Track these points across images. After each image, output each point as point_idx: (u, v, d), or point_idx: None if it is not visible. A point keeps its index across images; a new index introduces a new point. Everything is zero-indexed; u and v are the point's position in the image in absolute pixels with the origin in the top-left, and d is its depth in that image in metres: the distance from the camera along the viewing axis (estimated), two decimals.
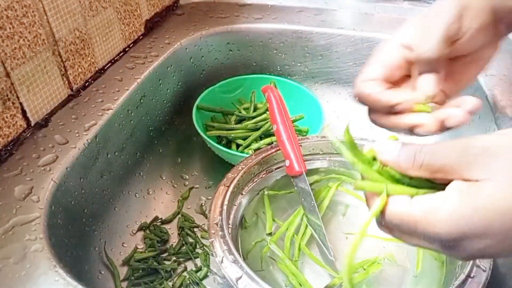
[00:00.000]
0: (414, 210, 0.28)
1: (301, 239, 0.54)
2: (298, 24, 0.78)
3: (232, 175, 0.53)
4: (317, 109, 0.71)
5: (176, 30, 0.77)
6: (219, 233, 0.45)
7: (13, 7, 0.48)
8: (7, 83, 0.49)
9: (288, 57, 0.81)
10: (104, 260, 0.56)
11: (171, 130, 0.75)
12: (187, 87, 0.77)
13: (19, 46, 0.49)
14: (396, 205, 0.29)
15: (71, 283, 0.38)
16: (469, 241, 0.26)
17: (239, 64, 0.82)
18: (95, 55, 0.63)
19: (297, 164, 0.53)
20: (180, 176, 0.71)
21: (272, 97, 0.57)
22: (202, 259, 0.58)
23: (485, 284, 0.40)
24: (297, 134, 0.59)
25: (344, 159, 0.34)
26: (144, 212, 0.65)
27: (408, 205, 0.29)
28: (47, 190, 0.46)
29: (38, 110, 0.54)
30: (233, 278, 0.41)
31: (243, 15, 0.81)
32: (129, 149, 0.63)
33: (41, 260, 0.40)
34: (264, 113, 0.73)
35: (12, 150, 0.50)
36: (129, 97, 0.61)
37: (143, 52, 0.70)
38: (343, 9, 0.83)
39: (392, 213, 0.29)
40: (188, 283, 0.55)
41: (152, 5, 0.76)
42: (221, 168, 0.68)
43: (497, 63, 0.64)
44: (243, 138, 0.70)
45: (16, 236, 0.42)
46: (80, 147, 0.52)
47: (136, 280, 0.55)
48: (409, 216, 0.28)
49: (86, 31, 0.60)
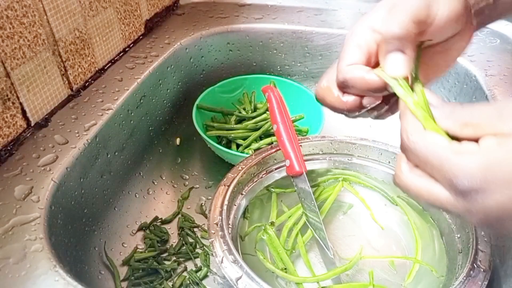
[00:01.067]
0: (450, 148, 0.28)
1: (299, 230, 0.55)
2: (298, 24, 0.78)
3: (232, 175, 0.53)
4: (317, 109, 0.71)
5: (176, 30, 0.77)
6: (219, 233, 0.45)
7: (13, 7, 0.48)
8: (7, 83, 0.49)
9: (288, 57, 0.81)
10: (104, 260, 0.56)
11: (171, 130, 0.75)
12: (187, 87, 0.77)
13: (19, 46, 0.49)
14: (434, 138, 0.29)
15: (71, 283, 0.38)
16: (492, 190, 0.26)
17: (239, 64, 0.82)
18: (95, 55, 0.63)
19: (297, 164, 0.53)
20: (180, 176, 0.71)
21: (272, 97, 0.57)
22: (202, 259, 0.58)
23: (485, 284, 0.40)
24: (297, 134, 0.59)
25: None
26: (144, 212, 0.65)
27: (445, 141, 0.29)
28: (47, 190, 0.46)
29: (38, 110, 0.54)
30: (233, 278, 0.41)
31: (243, 15, 0.81)
32: (129, 149, 0.63)
33: (41, 260, 0.40)
34: (264, 113, 0.73)
35: (12, 150, 0.50)
36: (129, 97, 0.61)
37: (143, 52, 0.70)
38: (343, 9, 0.83)
39: (427, 143, 0.29)
40: (188, 283, 0.55)
41: (152, 5, 0.76)
42: (221, 168, 0.68)
43: (497, 63, 0.64)
44: (243, 138, 0.70)
45: (16, 236, 0.42)
46: (80, 147, 0.52)
47: (136, 280, 0.55)
48: (442, 150, 0.28)
49: (86, 31, 0.60)
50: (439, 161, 0.28)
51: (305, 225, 0.55)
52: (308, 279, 0.49)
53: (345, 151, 0.59)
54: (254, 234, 0.54)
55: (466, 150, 0.28)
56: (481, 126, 0.28)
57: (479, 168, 0.26)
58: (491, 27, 0.74)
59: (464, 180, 0.27)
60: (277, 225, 0.55)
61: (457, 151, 0.28)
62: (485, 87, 0.60)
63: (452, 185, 0.28)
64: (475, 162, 0.27)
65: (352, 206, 0.59)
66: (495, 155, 0.26)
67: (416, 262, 0.51)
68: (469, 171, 0.27)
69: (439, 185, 0.29)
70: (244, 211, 0.54)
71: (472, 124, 0.28)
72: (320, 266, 0.53)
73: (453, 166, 0.28)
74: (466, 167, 0.27)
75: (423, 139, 0.30)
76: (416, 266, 0.50)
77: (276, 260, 0.52)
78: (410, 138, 0.30)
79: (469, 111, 0.29)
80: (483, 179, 0.26)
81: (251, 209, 0.56)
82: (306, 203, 0.54)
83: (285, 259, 0.51)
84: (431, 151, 0.29)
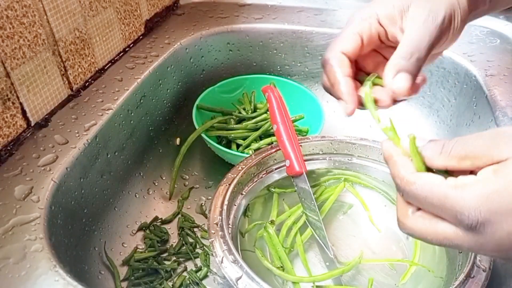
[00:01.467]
0: (447, 184, 0.28)
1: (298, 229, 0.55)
2: (298, 24, 0.78)
3: (232, 175, 0.53)
4: (317, 109, 0.71)
5: (176, 30, 0.77)
6: (219, 233, 0.45)
7: (13, 7, 0.48)
8: (7, 83, 0.49)
9: (288, 57, 0.81)
10: (104, 260, 0.56)
11: (171, 130, 0.75)
12: (187, 87, 0.77)
13: (19, 46, 0.49)
14: (429, 177, 0.29)
15: (71, 283, 0.38)
16: (499, 221, 0.25)
17: (239, 64, 0.82)
18: (95, 55, 0.63)
19: (297, 164, 0.53)
20: (180, 176, 0.71)
21: (272, 97, 0.57)
22: (202, 259, 0.58)
23: (485, 284, 0.40)
24: (297, 134, 0.59)
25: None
26: (144, 212, 0.65)
27: (441, 179, 0.28)
28: (47, 190, 0.46)
29: (38, 110, 0.54)
30: (233, 278, 0.41)
31: (243, 15, 0.81)
32: (129, 149, 0.63)
33: (41, 260, 0.40)
34: (264, 113, 0.73)
35: (12, 150, 0.50)
36: (129, 97, 0.61)
37: (143, 52, 0.70)
38: (343, 9, 0.83)
39: (423, 182, 0.29)
40: (188, 283, 0.55)
41: (152, 5, 0.76)
42: (221, 168, 0.68)
43: (497, 63, 0.64)
44: (243, 138, 0.70)
45: (16, 236, 0.42)
46: (80, 147, 0.52)
47: (136, 280, 0.55)
48: (441, 188, 0.28)
49: (86, 31, 0.60)
50: (440, 199, 0.28)
51: (305, 224, 0.55)
52: (304, 279, 0.49)
53: (345, 151, 0.59)
54: (255, 232, 0.54)
55: (464, 183, 0.27)
56: (479, 157, 0.27)
57: (480, 200, 0.26)
58: (491, 27, 0.74)
59: (470, 214, 0.26)
60: (277, 223, 0.55)
61: (455, 185, 0.27)
62: (485, 87, 0.60)
63: (459, 220, 0.27)
64: (476, 194, 0.26)
65: (352, 206, 0.59)
66: (493, 185, 0.26)
67: (412, 264, 0.51)
68: (472, 205, 0.26)
69: (445, 222, 0.28)
70: (245, 209, 0.54)
71: (469, 157, 0.28)
72: (321, 266, 0.53)
73: (455, 203, 0.27)
74: (469, 200, 0.26)
75: (419, 181, 0.29)
76: (412, 269, 0.50)
77: (274, 258, 0.52)
78: (405, 182, 0.30)
79: (462, 144, 0.29)
80: (487, 211, 0.26)
81: (252, 207, 0.56)
82: (306, 203, 0.54)
83: (283, 257, 0.51)
84: (429, 191, 0.28)
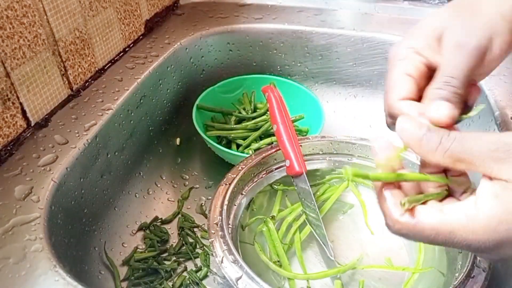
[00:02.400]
0: (449, 219, 0.27)
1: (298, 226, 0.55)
2: (298, 24, 0.78)
3: (232, 175, 0.53)
4: (317, 109, 0.71)
5: (176, 30, 0.77)
6: (219, 233, 0.45)
7: (13, 7, 0.48)
8: (7, 83, 0.49)
9: (288, 57, 0.81)
10: (104, 260, 0.56)
11: (171, 130, 0.75)
12: (187, 87, 0.77)
13: (19, 46, 0.49)
14: (428, 217, 0.28)
15: (71, 283, 0.38)
16: (507, 246, 0.26)
17: (239, 64, 0.82)
18: (95, 55, 0.63)
19: (297, 164, 0.53)
20: (180, 176, 0.71)
21: (272, 97, 0.57)
22: (202, 259, 0.58)
23: (485, 284, 0.40)
24: (297, 134, 0.59)
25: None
26: (144, 212, 0.65)
27: (441, 214, 0.28)
28: (47, 190, 0.46)
29: (38, 110, 0.54)
30: (233, 278, 0.41)
31: (243, 15, 0.81)
32: (129, 149, 0.63)
33: (41, 260, 0.40)
34: (264, 113, 0.73)
35: (12, 150, 0.50)
36: (129, 97, 0.61)
37: (143, 52, 0.70)
38: (343, 9, 0.83)
39: (425, 225, 0.28)
40: (188, 283, 0.55)
41: (152, 5, 0.76)
42: (221, 168, 0.68)
43: None
44: (243, 138, 0.70)
45: (16, 236, 0.42)
46: (80, 147, 0.52)
47: (136, 280, 0.55)
48: (445, 226, 0.27)
49: (86, 31, 0.60)
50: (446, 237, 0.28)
51: (305, 222, 0.55)
52: (298, 275, 0.49)
53: (345, 151, 0.59)
54: (255, 226, 0.54)
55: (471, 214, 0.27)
56: (475, 165, 0.27)
57: (488, 232, 0.26)
58: None
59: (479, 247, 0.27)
60: (279, 219, 0.56)
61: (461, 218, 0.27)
62: (485, 87, 0.60)
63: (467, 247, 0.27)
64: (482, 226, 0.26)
65: (353, 206, 0.59)
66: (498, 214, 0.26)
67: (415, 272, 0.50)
68: (482, 239, 0.26)
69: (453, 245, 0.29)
70: (249, 203, 0.55)
71: (465, 161, 0.27)
72: (320, 265, 0.53)
73: (463, 239, 0.27)
74: (478, 236, 0.26)
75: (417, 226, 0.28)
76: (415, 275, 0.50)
77: (272, 253, 0.52)
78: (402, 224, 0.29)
79: (461, 145, 0.27)
80: (497, 242, 0.26)
81: (256, 201, 0.56)
82: (306, 203, 0.54)
83: (280, 253, 0.51)
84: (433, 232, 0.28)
